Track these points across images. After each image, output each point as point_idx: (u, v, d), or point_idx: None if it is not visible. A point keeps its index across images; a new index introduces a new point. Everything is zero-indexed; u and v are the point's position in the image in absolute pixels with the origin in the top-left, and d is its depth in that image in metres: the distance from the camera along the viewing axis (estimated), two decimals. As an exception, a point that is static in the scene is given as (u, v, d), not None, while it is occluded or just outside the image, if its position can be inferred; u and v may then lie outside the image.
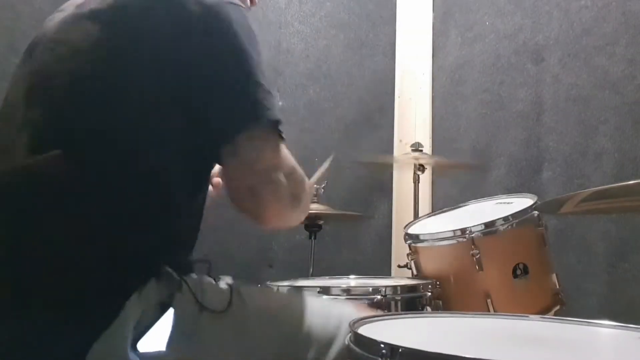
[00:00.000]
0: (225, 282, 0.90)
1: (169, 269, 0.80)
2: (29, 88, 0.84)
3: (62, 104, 0.80)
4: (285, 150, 0.88)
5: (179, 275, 0.81)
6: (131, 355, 0.72)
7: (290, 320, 0.88)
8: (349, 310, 0.97)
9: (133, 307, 0.73)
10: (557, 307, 1.50)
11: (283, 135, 0.87)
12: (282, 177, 0.86)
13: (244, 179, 0.85)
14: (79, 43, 0.82)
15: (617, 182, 0.92)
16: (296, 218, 0.97)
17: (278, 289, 1.38)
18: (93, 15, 0.83)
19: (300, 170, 0.93)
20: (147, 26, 0.81)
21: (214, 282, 0.89)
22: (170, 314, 0.77)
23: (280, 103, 2.55)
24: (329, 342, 0.87)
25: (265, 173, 0.85)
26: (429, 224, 1.75)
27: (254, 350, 0.83)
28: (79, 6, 0.87)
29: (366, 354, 0.67)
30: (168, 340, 0.76)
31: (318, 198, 2.04)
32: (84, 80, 0.80)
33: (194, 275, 0.87)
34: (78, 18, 0.85)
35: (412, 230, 1.68)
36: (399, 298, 1.36)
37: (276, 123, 0.86)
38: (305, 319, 0.89)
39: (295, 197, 0.90)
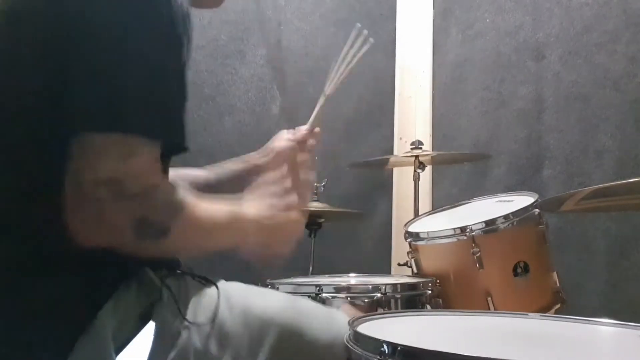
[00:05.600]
0: (213, 284, 0.84)
1: (151, 274, 0.76)
2: None
3: None
4: (148, 165, 0.70)
5: (161, 281, 0.76)
6: None
7: (284, 324, 0.84)
8: (344, 316, 0.94)
9: (108, 317, 0.69)
10: (558, 306, 1.50)
11: (158, 147, 0.71)
12: (114, 196, 0.67)
13: (68, 187, 0.67)
14: None
15: (617, 180, 0.92)
16: (164, 249, 0.76)
17: (278, 287, 1.37)
18: None
19: (176, 195, 0.74)
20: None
21: (201, 283, 0.83)
22: (151, 326, 0.73)
23: (278, 102, 2.55)
24: (323, 347, 0.84)
25: (90, 187, 0.67)
26: (429, 222, 1.74)
27: (244, 357, 0.79)
28: None
29: (366, 352, 0.66)
30: (150, 354, 0.72)
31: (318, 196, 2.04)
32: None
33: (178, 279, 0.82)
34: None
35: (412, 228, 1.68)
36: (399, 296, 1.36)
37: (132, 128, 0.69)
38: (300, 323, 0.85)
39: (148, 223, 0.70)
